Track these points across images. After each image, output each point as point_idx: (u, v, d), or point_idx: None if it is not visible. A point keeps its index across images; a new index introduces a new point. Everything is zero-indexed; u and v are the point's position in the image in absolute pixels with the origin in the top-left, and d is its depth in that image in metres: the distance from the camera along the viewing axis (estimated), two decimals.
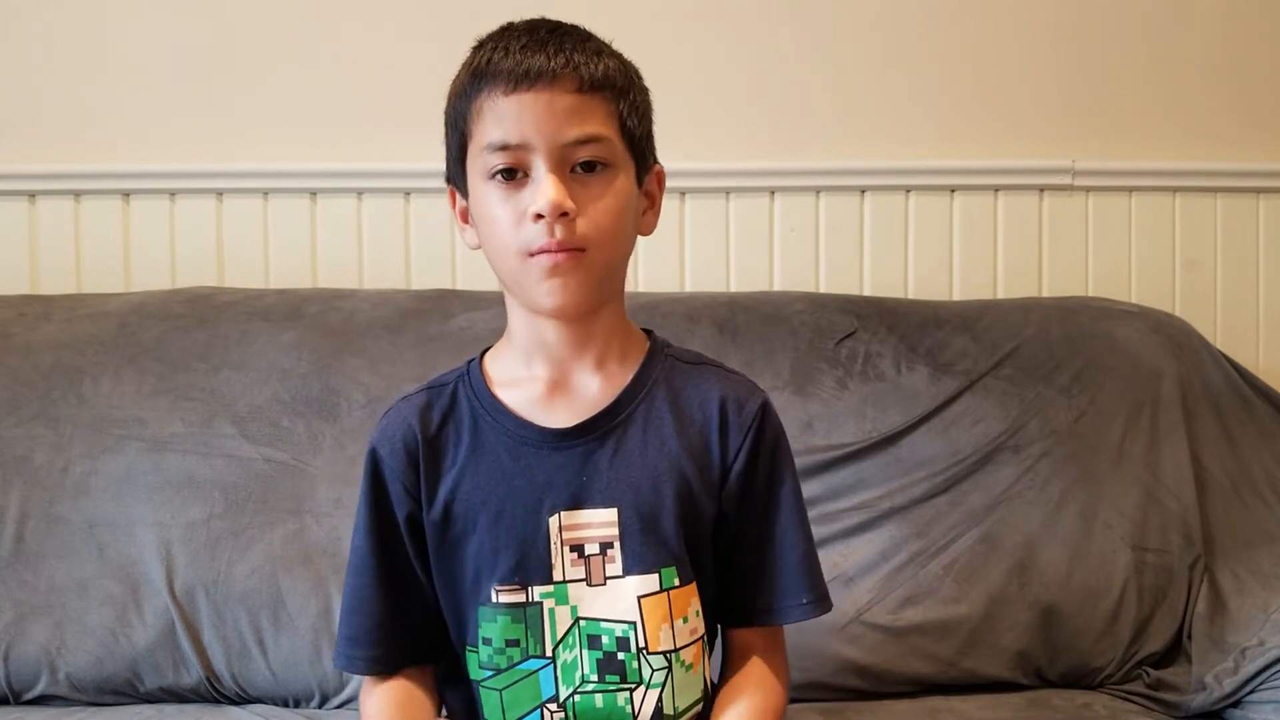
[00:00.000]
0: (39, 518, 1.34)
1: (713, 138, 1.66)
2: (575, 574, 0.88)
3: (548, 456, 0.89)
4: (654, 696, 0.88)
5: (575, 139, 0.84)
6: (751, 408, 0.93)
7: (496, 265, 0.88)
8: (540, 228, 0.83)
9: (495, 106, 0.84)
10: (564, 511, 0.88)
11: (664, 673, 0.88)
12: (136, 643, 1.30)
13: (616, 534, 0.88)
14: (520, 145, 0.83)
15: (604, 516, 0.88)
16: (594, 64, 0.85)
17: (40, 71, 1.67)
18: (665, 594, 0.88)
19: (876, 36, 1.72)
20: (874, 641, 1.32)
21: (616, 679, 0.88)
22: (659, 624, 0.88)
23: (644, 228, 0.93)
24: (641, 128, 0.89)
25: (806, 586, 0.93)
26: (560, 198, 0.82)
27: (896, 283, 1.70)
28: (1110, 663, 1.35)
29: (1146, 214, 1.73)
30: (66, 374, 1.41)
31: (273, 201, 1.67)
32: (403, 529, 0.91)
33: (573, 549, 0.88)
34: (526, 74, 0.83)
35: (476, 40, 0.89)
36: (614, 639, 0.88)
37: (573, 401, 0.91)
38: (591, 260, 0.84)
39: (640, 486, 0.89)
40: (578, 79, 0.84)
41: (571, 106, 0.83)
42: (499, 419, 0.91)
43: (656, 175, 0.94)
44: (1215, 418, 1.49)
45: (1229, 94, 1.75)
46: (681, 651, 0.89)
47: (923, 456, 1.42)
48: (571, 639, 0.88)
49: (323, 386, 1.41)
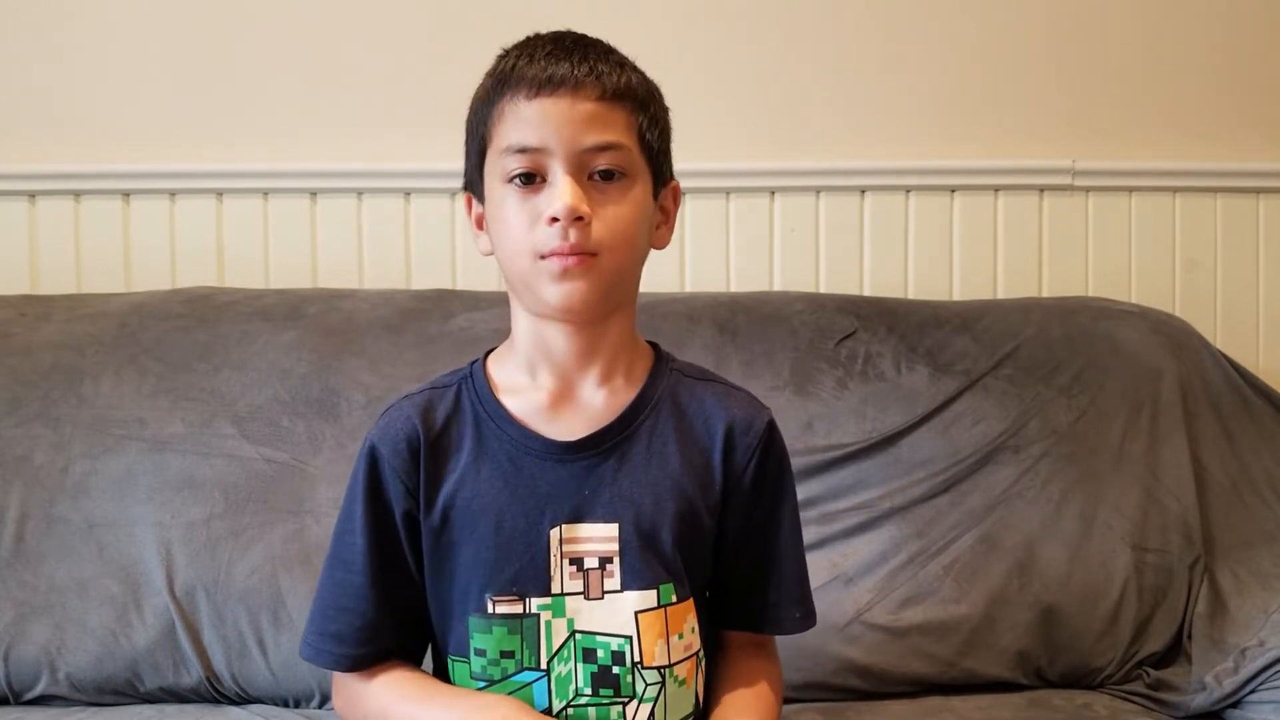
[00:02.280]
0: (39, 518, 1.34)
1: (713, 138, 1.66)
2: (574, 587, 0.88)
3: (551, 468, 0.89)
4: (647, 711, 0.88)
5: (594, 145, 0.84)
6: (758, 428, 0.93)
7: (507, 268, 0.88)
8: (554, 230, 0.83)
9: (517, 110, 0.85)
10: (565, 524, 0.88)
11: (658, 688, 0.88)
12: (136, 643, 1.30)
13: (616, 549, 0.88)
14: (539, 149, 0.84)
15: (605, 531, 0.88)
16: (617, 75, 0.86)
17: (40, 71, 1.67)
18: (663, 610, 0.88)
19: (877, 37, 1.72)
20: (874, 642, 1.32)
21: (610, 693, 0.87)
22: (655, 639, 0.88)
23: (657, 241, 0.93)
24: (660, 143, 0.90)
25: (798, 601, 0.95)
26: (576, 201, 0.82)
27: (896, 283, 1.71)
28: (1110, 663, 1.35)
29: (1147, 214, 1.73)
30: (66, 374, 1.41)
31: (273, 201, 1.67)
32: (400, 529, 0.91)
33: (572, 562, 0.88)
34: (550, 80, 0.84)
35: (502, 49, 0.90)
36: (609, 653, 0.87)
37: (577, 413, 0.91)
38: (603, 266, 0.85)
39: (642, 502, 0.89)
40: (600, 87, 0.84)
41: (592, 113, 0.84)
42: (503, 427, 0.90)
43: (672, 190, 0.94)
44: (1215, 418, 1.49)
45: (1229, 94, 1.75)
46: (676, 667, 0.89)
47: (923, 456, 1.42)
48: (566, 652, 0.87)
49: (323, 386, 1.41)
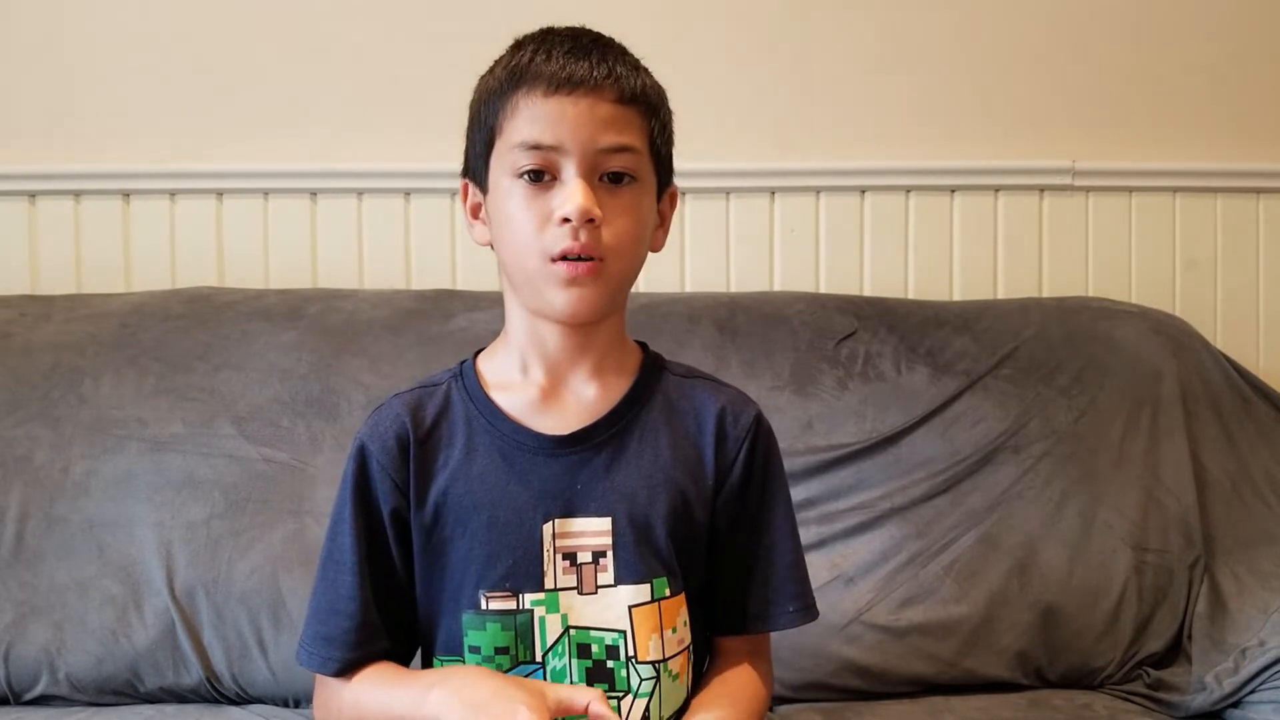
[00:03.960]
0: (39, 518, 1.34)
1: (713, 138, 1.66)
2: (567, 582, 0.88)
3: (544, 463, 0.89)
4: (641, 705, 0.88)
5: (609, 147, 0.84)
6: (746, 420, 0.93)
7: (510, 265, 0.88)
8: (565, 231, 0.83)
9: (533, 106, 0.84)
10: (558, 519, 0.88)
11: (652, 682, 0.88)
12: (136, 643, 1.30)
13: (610, 543, 0.88)
14: (553, 147, 0.84)
15: (598, 525, 0.88)
16: (633, 78, 0.86)
17: (40, 71, 1.67)
18: (656, 604, 0.88)
19: (877, 37, 1.72)
20: (874, 642, 1.32)
21: (605, 688, 0.87)
22: (649, 634, 0.88)
23: (654, 244, 0.93)
24: (666, 148, 0.91)
25: (795, 595, 0.94)
26: (589, 204, 0.82)
27: (896, 283, 1.70)
28: (1110, 663, 1.35)
29: (1147, 214, 1.73)
30: (66, 374, 1.41)
31: (273, 201, 1.67)
32: (388, 527, 0.90)
33: (565, 557, 0.88)
34: (569, 79, 0.83)
35: (515, 39, 0.89)
36: (603, 647, 0.88)
37: (567, 408, 0.91)
38: (609, 272, 0.85)
39: (635, 496, 0.89)
40: (618, 90, 0.85)
41: (609, 115, 0.84)
42: (495, 423, 0.90)
43: (670, 195, 0.95)
44: (1215, 418, 1.49)
45: (1229, 94, 1.75)
46: (669, 661, 0.89)
47: (923, 456, 1.42)
48: (561, 648, 0.87)
49: (323, 386, 1.41)
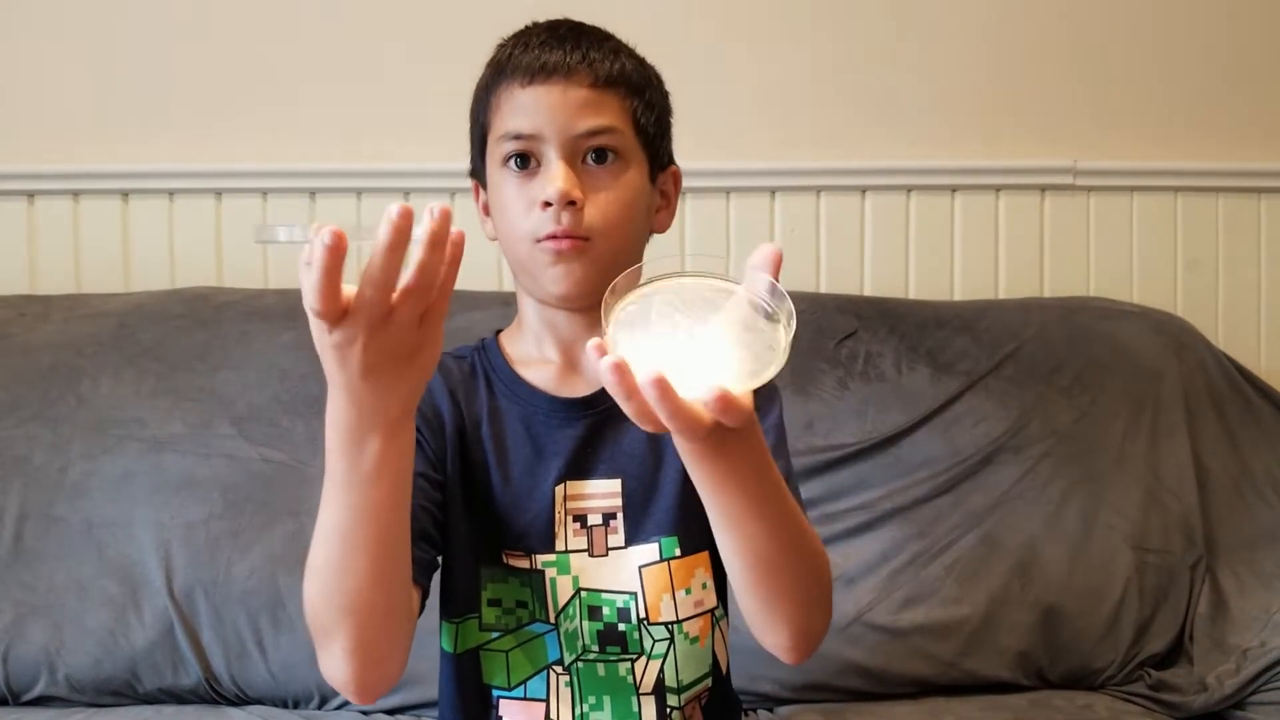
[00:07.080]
0: (38, 518, 1.34)
1: (713, 138, 1.66)
2: (578, 544, 0.89)
3: (557, 426, 0.90)
4: (656, 667, 0.89)
5: (586, 130, 0.86)
6: None
7: (508, 253, 0.90)
8: (548, 214, 0.84)
9: (512, 98, 0.87)
10: (569, 481, 0.89)
11: (666, 644, 0.89)
12: (136, 643, 1.30)
13: (619, 505, 0.89)
14: (533, 135, 0.85)
15: (608, 487, 0.89)
16: (609, 61, 0.87)
17: (40, 71, 1.66)
18: (665, 564, 0.89)
19: (877, 36, 1.71)
20: (875, 642, 1.32)
21: (618, 650, 0.88)
22: (660, 594, 0.88)
23: (658, 225, 0.94)
24: (656, 127, 0.91)
25: None
26: (568, 186, 0.84)
27: (897, 283, 1.70)
28: (1112, 664, 1.35)
29: (1148, 214, 1.73)
30: (65, 374, 1.41)
31: (272, 201, 1.67)
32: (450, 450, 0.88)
33: (575, 519, 0.89)
34: (543, 68, 0.86)
35: (500, 39, 0.91)
36: (614, 610, 0.88)
37: (583, 379, 0.92)
38: (597, 250, 0.86)
39: (644, 458, 0.90)
40: (592, 75, 0.86)
41: (584, 100, 0.86)
42: (513, 388, 0.92)
43: (672, 175, 0.95)
44: (1217, 418, 1.49)
45: (1230, 94, 1.75)
46: (685, 624, 0.89)
47: (924, 457, 1.42)
48: (572, 609, 0.88)
49: (322, 386, 1.38)
